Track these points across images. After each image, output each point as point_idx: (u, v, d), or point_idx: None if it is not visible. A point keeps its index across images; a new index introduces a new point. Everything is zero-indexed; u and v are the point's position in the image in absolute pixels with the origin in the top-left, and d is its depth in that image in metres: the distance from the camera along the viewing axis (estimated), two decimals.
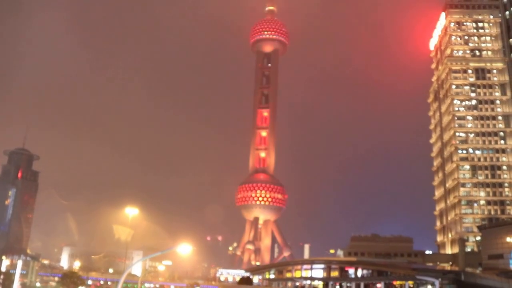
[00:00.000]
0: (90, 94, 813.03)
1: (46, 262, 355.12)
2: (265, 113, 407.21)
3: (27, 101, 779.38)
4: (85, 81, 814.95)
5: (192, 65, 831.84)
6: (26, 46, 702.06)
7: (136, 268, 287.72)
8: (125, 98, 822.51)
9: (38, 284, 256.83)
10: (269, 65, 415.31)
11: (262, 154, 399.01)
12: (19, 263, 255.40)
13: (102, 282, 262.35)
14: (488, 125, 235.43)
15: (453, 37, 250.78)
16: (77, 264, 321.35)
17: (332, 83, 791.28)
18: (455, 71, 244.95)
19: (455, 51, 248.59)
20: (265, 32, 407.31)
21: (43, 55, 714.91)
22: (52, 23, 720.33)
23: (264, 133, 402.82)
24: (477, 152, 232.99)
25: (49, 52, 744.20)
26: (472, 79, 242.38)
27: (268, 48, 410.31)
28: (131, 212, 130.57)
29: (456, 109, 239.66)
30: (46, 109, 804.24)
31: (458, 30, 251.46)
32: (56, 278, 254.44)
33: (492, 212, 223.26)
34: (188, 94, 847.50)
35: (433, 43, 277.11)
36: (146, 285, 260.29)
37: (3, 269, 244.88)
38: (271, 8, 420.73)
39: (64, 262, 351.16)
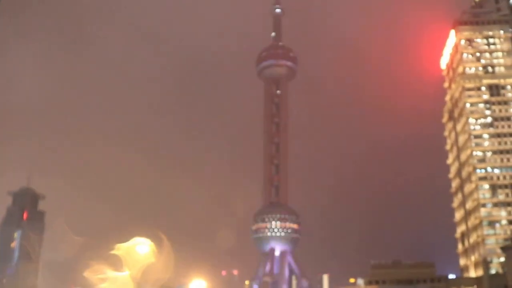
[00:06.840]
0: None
1: None
2: (276, 140, 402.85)
3: (28, 139, 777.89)
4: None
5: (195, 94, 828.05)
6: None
7: None
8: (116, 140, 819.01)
9: None
10: (278, 92, 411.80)
11: (275, 184, 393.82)
12: None
13: None
14: (505, 143, 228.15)
15: (465, 55, 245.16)
16: None
17: (341, 107, 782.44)
18: (469, 89, 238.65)
19: (468, 69, 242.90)
20: (272, 59, 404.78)
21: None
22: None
23: (276, 162, 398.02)
24: (496, 170, 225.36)
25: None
26: (486, 96, 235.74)
27: (276, 74, 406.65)
28: (142, 249, 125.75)
29: (472, 127, 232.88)
30: (47, 145, 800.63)
31: (469, 47, 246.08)
32: None
33: None
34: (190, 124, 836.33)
35: (444, 61, 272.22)
36: None
37: None
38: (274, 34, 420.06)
39: None
